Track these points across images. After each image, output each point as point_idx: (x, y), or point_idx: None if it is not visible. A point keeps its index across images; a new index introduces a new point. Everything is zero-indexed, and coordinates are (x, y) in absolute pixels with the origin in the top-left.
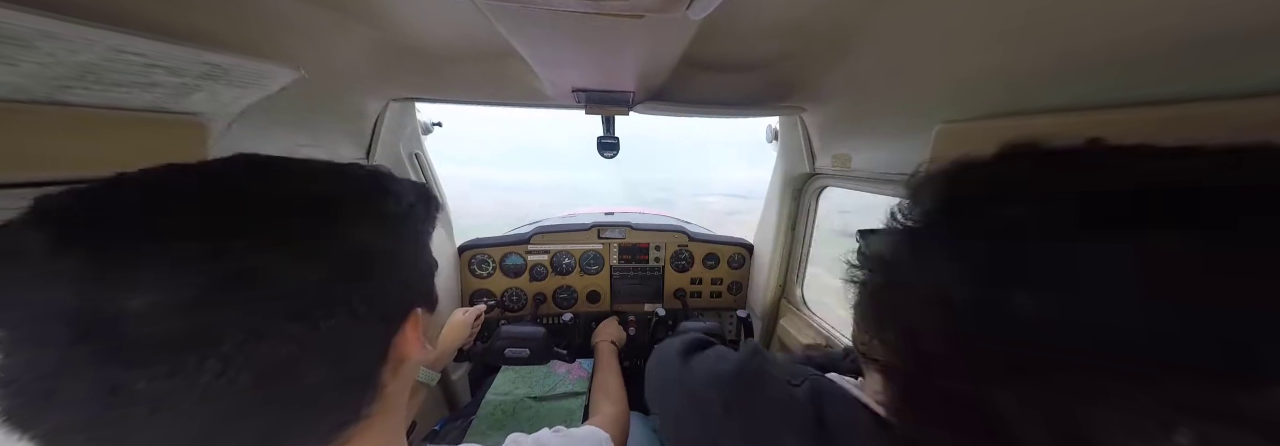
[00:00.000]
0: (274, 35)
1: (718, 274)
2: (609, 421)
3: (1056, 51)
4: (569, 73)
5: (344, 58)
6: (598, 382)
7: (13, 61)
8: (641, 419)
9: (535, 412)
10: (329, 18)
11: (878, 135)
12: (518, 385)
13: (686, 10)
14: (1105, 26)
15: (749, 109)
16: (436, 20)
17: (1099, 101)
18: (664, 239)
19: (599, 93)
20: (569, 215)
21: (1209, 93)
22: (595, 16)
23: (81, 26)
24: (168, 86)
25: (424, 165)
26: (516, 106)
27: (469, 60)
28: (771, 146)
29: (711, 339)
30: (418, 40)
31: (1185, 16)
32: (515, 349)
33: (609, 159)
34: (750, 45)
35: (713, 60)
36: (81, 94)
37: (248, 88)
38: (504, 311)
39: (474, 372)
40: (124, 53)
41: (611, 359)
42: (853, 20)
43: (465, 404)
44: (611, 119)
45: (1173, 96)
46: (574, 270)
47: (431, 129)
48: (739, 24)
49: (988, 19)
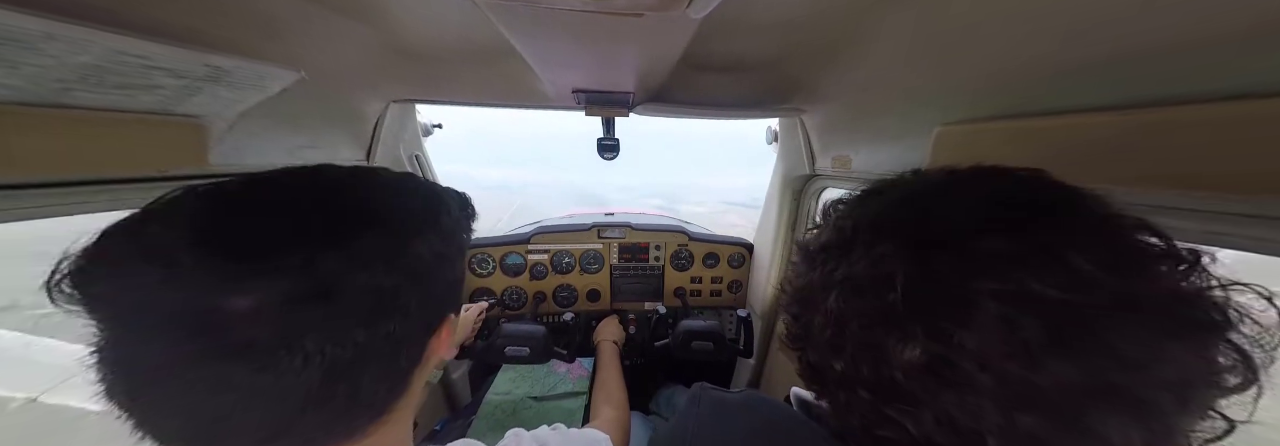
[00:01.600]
0: (275, 37)
1: (718, 273)
2: (610, 424)
3: (1056, 53)
4: (569, 73)
5: (344, 59)
6: (599, 382)
7: (15, 63)
8: (641, 418)
9: (536, 412)
10: (329, 19)
11: (877, 137)
12: (518, 385)
13: (686, 9)
14: (1104, 28)
15: (749, 110)
16: (437, 21)
17: (1098, 103)
18: (664, 239)
19: (599, 93)
20: (569, 215)
21: (1207, 94)
22: (596, 15)
23: (83, 28)
24: (169, 88)
25: (424, 167)
26: (516, 107)
27: (469, 62)
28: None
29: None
30: (418, 42)
31: (1184, 18)
32: (515, 347)
33: (609, 160)
34: (750, 46)
35: (712, 61)
36: (83, 96)
37: (248, 89)
38: (504, 310)
39: (474, 372)
40: (125, 55)
41: (613, 358)
42: (853, 21)
43: (465, 403)
44: (612, 120)
45: (1171, 98)
46: (574, 269)
47: (432, 130)
48: (739, 24)
49: (987, 20)
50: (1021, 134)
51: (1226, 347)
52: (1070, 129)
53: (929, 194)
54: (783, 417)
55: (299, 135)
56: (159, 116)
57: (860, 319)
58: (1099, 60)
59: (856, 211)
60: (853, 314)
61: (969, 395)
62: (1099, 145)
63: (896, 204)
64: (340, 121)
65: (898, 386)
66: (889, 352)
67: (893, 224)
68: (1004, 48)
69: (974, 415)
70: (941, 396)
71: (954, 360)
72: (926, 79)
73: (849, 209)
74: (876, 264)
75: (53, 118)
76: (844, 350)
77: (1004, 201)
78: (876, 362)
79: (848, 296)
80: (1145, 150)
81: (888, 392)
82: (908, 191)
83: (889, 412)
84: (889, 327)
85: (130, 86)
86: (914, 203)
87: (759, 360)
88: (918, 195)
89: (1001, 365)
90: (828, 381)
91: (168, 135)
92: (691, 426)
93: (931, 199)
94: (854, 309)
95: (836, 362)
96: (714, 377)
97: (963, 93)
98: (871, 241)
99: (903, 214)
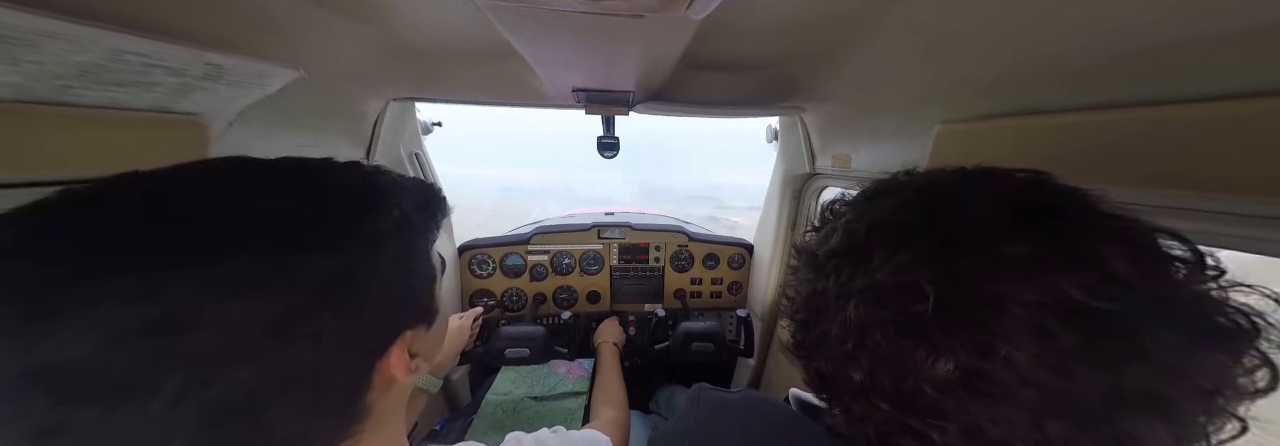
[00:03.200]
0: (274, 35)
1: (718, 274)
2: (610, 425)
3: (1056, 52)
4: (569, 72)
5: (344, 57)
6: (599, 384)
7: (14, 61)
8: (641, 418)
9: (536, 412)
10: (329, 18)
11: (877, 135)
12: (518, 385)
13: (687, 10)
14: (1105, 28)
15: (749, 109)
16: (437, 20)
17: (1098, 101)
18: (664, 239)
19: (599, 92)
20: (569, 215)
21: (1207, 93)
22: (596, 16)
23: (82, 26)
24: (168, 86)
25: (424, 165)
26: (516, 106)
27: (469, 60)
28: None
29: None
30: (418, 40)
31: (1184, 18)
32: (515, 349)
33: (609, 159)
34: (750, 45)
35: (713, 60)
36: (82, 94)
37: (248, 87)
38: (504, 311)
39: (474, 372)
40: (124, 53)
41: (613, 360)
42: (853, 20)
43: (465, 404)
44: (611, 119)
45: (1171, 97)
46: (574, 270)
47: (431, 129)
48: (739, 24)
49: (988, 19)
50: (1021, 133)
51: (1253, 352)
52: (1070, 128)
53: (943, 196)
54: (782, 417)
55: (299, 133)
56: (158, 115)
57: (883, 329)
58: (1099, 60)
59: (867, 214)
60: (875, 324)
61: (1004, 407)
62: (1099, 144)
63: (910, 206)
64: (340, 119)
65: (924, 398)
66: (916, 365)
67: (910, 229)
68: (1004, 47)
69: (1006, 426)
70: (972, 408)
71: (989, 373)
72: (926, 77)
73: (856, 211)
74: (900, 272)
75: (52, 116)
76: (862, 361)
77: (1023, 204)
78: (900, 374)
79: (869, 306)
80: (1145, 150)
81: (911, 404)
82: (920, 193)
83: (911, 424)
84: (917, 339)
85: (129, 85)
86: (929, 205)
87: (759, 360)
88: (931, 197)
89: (1039, 375)
90: (842, 391)
91: (167, 133)
92: (691, 426)
93: (947, 202)
94: (876, 319)
95: (855, 373)
96: (714, 378)
97: (963, 91)
98: (891, 248)
99: (918, 217)
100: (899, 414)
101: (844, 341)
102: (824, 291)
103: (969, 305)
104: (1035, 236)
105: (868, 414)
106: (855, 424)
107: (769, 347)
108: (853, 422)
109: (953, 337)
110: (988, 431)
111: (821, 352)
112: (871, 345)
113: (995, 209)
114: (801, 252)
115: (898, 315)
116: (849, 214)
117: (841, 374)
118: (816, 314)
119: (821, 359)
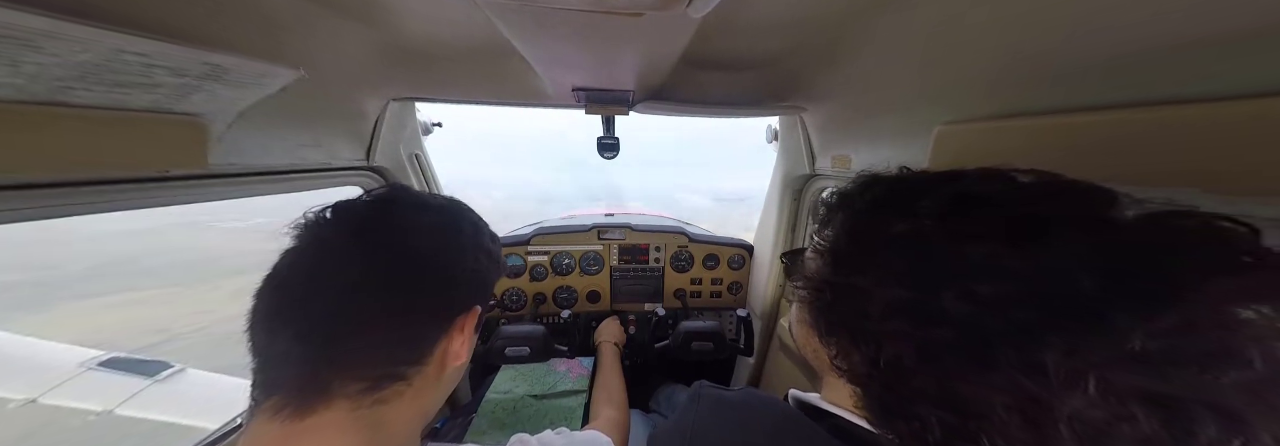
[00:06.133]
0: (274, 35)
1: (718, 274)
2: (611, 425)
3: (1055, 53)
4: (569, 72)
5: (344, 58)
6: (600, 384)
7: (14, 62)
8: (641, 416)
9: (536, 411)
10: (329, 18)
11: (877, 136)
12: (518, 383)
13: (686, 9)
14: (1103, 28)
15: (749, 109)
16: (437, 19)
17: (1097, 102)
18: (664, 240)
19: (599, 92)
20: (569, 216)
21: (1207, 93)
22: (595, 15)
23: (83, 27)
24: (168, 87)
25: (424, 166)
26: (516, 106)
27: (469, 60)
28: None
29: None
30: (418, 40)
31: (1183, 18)
32: (515, 347)
33: (609, 159)
34: (750, 44)
35: (713, 59)
36: (82, 94)
37: (248, 88)
38: (504, 311)
39: (474, 371)
40: (125, 53)
41: (614, 359)
42: (853, 20)
43: (466, 402)
44: (612, 119)
45: (1169, 97)
46: (574, 270)
47: (432, 129)
48: (739, 23)
49: (987, 20)
50: (1021, 133)
51: None
52: (1070, 128)
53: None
54: (781, 416)
55: (299, 133)
56: (159, 115)
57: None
58: (1099, 60)
59: (929, 221)
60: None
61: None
62: (1099, 144)
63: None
64: (340, 120)
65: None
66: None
67: (995, 251)
68: (1004, 47)
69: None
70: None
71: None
72: (927, 78)
73: (901, 210)
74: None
75: (51, 116)
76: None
77: (1119, 245)
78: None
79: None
80: (1145, 150)
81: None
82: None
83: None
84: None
85: (129, 85)
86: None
87: (759, 359)
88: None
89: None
90: (897, 416)
91: (167, 134)
92: (691, 423)
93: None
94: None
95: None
96: (714, 376)
97: (963, 92)
98: (975, 274)
99: (997, 223)
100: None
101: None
102: (889, 304)
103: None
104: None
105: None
106: (910, 442)
107: (769, 346)
108: (907, 440)
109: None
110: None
111: (885, 378)
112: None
113: (1097, 243)
114: (834, 254)
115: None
116: (892, 212)
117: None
118: (869, 333)
119: (882, 386)
